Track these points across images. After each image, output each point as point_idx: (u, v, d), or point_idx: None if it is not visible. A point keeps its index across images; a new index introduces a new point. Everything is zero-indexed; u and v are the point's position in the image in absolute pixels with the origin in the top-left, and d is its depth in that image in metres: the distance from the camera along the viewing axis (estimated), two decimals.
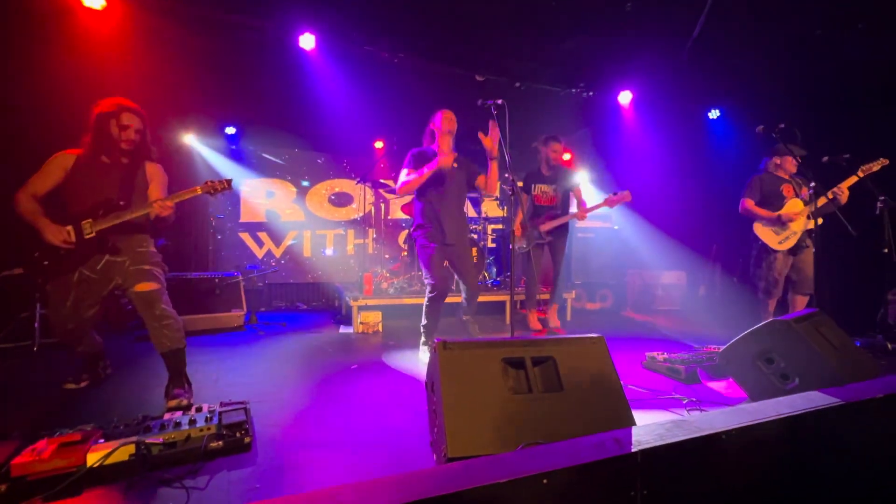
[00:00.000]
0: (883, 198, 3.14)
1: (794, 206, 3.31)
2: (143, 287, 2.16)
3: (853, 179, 3.14)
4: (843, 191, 3.14)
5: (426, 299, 2.88)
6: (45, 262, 2.08)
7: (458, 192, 2.93)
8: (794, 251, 3.29)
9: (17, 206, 2.08)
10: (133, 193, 2.23)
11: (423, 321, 2.92)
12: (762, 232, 3.42)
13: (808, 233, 3.32)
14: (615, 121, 5.84)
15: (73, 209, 2.14)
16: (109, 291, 2.19)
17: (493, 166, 2.78)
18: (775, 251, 3.35)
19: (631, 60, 4.83)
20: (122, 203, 2.17)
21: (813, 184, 2.85)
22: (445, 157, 2.70)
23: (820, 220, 3.10)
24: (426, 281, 2.87)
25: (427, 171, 2.70)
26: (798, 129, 3.17)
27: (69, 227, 2.08)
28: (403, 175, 2.81)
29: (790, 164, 3.41)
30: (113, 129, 2.19)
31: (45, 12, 3.43)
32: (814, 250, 3.33)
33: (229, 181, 2.38)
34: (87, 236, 2.09)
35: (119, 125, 2.19)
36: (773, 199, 3.39)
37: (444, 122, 2.86)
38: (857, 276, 3.54)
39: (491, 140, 2.66)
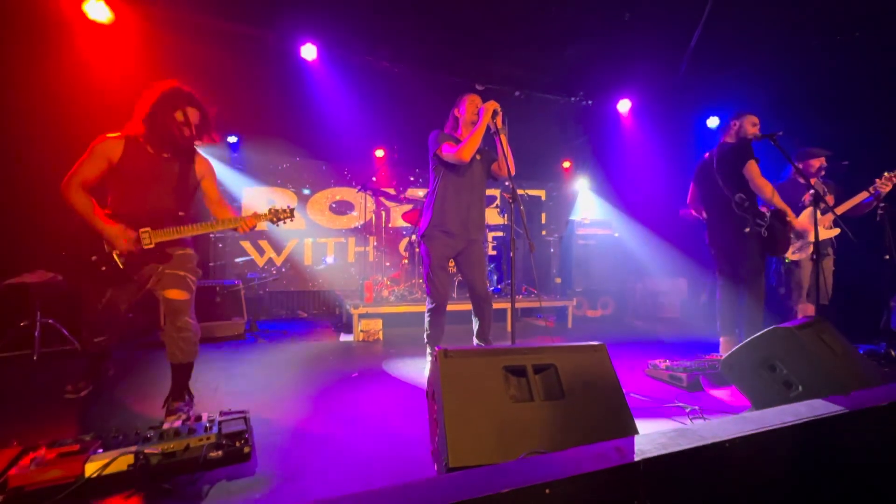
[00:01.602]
0: (883, 205, 3.15)
1: (808, 214, 3.20)
2: (174, 294, 2.08)
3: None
4: (888, 182, 3.07)
5: (427, 310, 2.75)
6: (104, 268, 1.98)
7: (480, 185, 2.73)
8: (818, 258, 3.19)
9: (66, 198, 1.92)
10: (188, 198, 2.16)
11: (427, 331, 2.79)
12: None
13: (828, 241, 3.27)
14: (614, 129, 5.88)
15: (121, 207, 2.01)
16: (145, 290, 2.14)
17: (502, 141, 2.46)
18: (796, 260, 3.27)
19: (629, 69, 4.87)
20: (181, 214, 2.10)
21: (812, 190, 2.84)
22: (489, 108, 2.44)
23: (836, 231, 3.06)
24: (425, 291, 2.74)
25: (480, 126, 2.44)
26: (796, 137, 3.18)
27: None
28: (446, 147, 2.55)
29: (813, 169, 3.31)
30: (173, 122, 2.02)
31: (52, 25, 3.48)
32: (834, 258, 3.30)
33: (293, 210, 2.31)
34: (146, 247, 2.00)
35: (181, 119, 2.04)
36: (796, 210, 3.25)
37: (469, 111, 2.63)
38: (860, 282, 3.53)
39: (486, 111, 2.42)
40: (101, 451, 1.49)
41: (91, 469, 1.41)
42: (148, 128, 2.02)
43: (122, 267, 1.99)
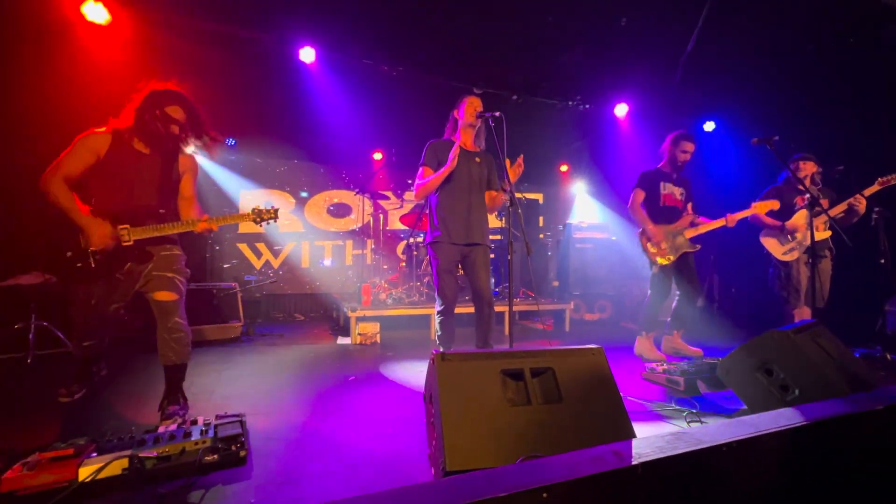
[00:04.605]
0: (878, 209, 3.17)
1: (801, 216, 3.26)
2: (163, 296, 2.08)
3: (874, 188, 3.09)
4: (860, 201, 3.09)
5: (437, 312, 2.73)
6: (79, 265, 1.95)
7: (479, 189, 2.73)
8: (814, 261, 3.20)
9: (46, 191, 1.88)
10: (171, 195, 2.16)
11: (438, 333, 2.75)
12: (768, 242, 3.39)
13: (825, 243, 3.29)
14: (612, 133, 5.90)
15: (103, 203, 1.99)
16: (134, 292, 2.13)
17: (501, 196, 2.68)
18: (790, 261, 3.30)
19: (626, 74, 4.90)
20: (162, 211, 2.08)
21: (808, 196, 2.86)
22: (455, 155, 2.53)
23: (828, 233, 3.08)
24: (435, 294, 2.73)
25: (443, 172, 2.54)
26: (793, 142, 3.21)
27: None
28: (420, 175, 2.65)
29: (807, 175, 3.33)
30: (159, 119, 2.04)
31: (50, 27, 3.47)
32: (833, 261, 3.31)
33: (276, 210, 2.26)
34: (125, 244, 1.99)
35: (167, 116, 2.06)
36: (789, 212, 3.34)
37: (468, 113, 2.63)
38: (855, 286, 3.55)
39: (514, 173, 2.52)
40: (95, 454, 1.48)
41: (85, 473, 1.40)
42: (135, 123, 2.05)
43: (93, 266, 1.96)
